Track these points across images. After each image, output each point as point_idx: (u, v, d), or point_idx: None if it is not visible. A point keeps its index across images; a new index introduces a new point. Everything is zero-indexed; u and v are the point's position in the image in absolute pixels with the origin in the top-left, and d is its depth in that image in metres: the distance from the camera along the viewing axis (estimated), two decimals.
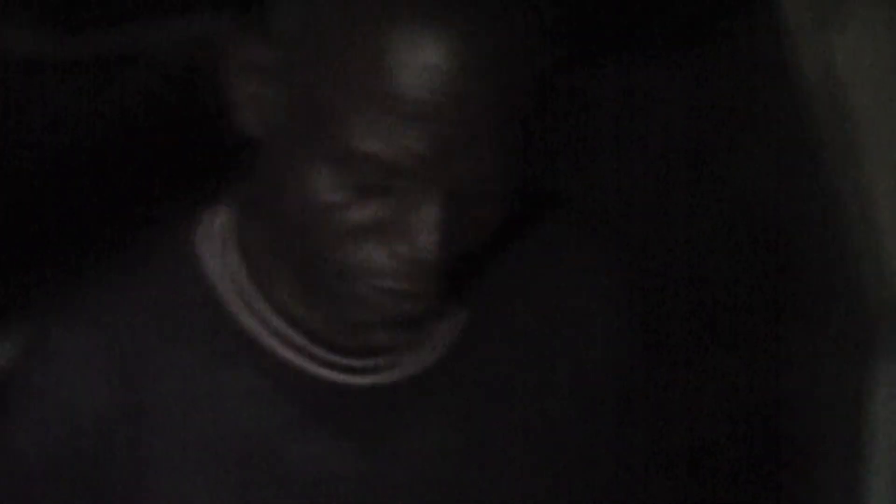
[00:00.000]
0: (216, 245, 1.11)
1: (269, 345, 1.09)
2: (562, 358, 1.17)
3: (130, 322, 1.09)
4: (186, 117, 4.60)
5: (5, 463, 1.11)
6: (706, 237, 4.26)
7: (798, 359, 3.61)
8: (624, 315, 1.21)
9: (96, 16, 5.32)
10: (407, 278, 0.99)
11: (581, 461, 1.17)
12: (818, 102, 1.84)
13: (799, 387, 3.45)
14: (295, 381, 1.09)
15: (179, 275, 1.10)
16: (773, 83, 4.81)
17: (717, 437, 3.42)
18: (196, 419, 1.09)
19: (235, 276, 1.10)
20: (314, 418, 1.09)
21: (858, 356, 1.38)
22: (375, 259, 0.99)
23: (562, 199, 1.22)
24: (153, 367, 1.09)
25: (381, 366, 1.11)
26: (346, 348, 1.10)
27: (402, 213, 0.97)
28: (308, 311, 1.09)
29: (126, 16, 5.33)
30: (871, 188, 1.77)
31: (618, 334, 1.21)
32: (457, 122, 0.93)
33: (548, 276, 1.18)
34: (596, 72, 5.27)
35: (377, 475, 1.10)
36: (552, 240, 1.20)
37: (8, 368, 1.12)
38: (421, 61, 0.92)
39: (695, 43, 5.59)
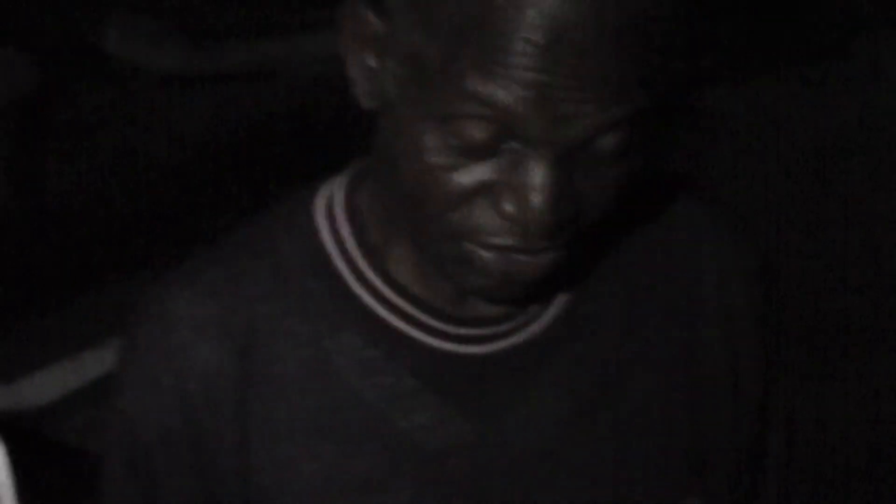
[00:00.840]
0: (332, 217, 1.12)
1: (381, 315, 1.10)
2: (674, 335, 1.16)
3: (247, 292, 1.11)
4: (316, 128, 4.66)
5: (121, 425, 1.13)
6: (830, 247, 4.21)
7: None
8: (744, 296, 1.19)
9: (232, 32, 5.41)
10: (516, 236, 0.99)
11: (689, 432, 1.16)
12: None
13: None
14: (406, 350, 1.10)
15: (296, 246, 1.12)
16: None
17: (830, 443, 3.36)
18: (308, 387, 1.10)
19: (349, 247, 1.11)
20: (425, 387, 1.10)
21: None
22: (485, 220, 0.99)
23: (689, 182, 1.22)
24: (267, 337, 1.10)
25: (491, 335, 1.11)
26: (456, 318, 1.10)
27: (510, 174, 0.97)
28: (420, 282, 1.10)
29: (261, 32, 5.41)
30: None
31: (734, 320, 1.19)
32: (564, 78, 0.93)
33: (662, 248, 1.18)
34: (729, 87, 5.25)
35: (487, 443, 1.10)
36: (675, 219, 1.19)
37: (127, 334, 1.14)
38: (529, 18, 0.92)
39: (820, 61, 5.53)
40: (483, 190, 0.98)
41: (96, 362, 3.27)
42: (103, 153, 4.61)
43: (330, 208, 1.13)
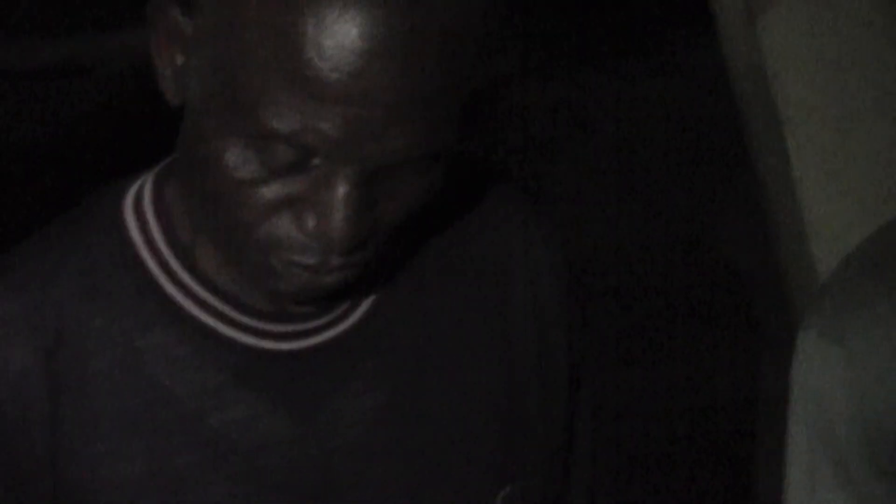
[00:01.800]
0: (141, 213, 1.11)
1: (191, 312, 1.10)
2: (485, 327, 1.18)
3: (54, 291, 1.09)
4: (133, 121, 4.60)
5: None
6: (638, 241, 4.31)
7: (731, 363, 3.65)
8: (552, 291, 1.22)
9: (46, 27, 5.30)
10: (319, 253, 0.99)
11: (504, 418, 1.18)
12: (747, 96, 1.87)
13: (734, 389, 3.49)
14: (217, 347, 1.09)
15: (105, 243, 1.11)
16: (710, 88, 4.84)
17: (645, 431, 3.45)
18: (119, 386, 1.09)
19: (158, 244, 1.10)
20: (237, 383, 1.09)
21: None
22: (288, 233, 0.99)
23: (499, 175, 1.23)
24: (77, 336, 1.09)
25: (303, 331, 1.11)
26: (267, 314, 1.10)
27: (314, 190, 0.97)
28: (230, 278, 1.10)
29: (73, 27, 5.31)
30: (798, 180, 1.80)
31: (543, 312, 1.21)
32: (368, 104, 0.93)
33: (473, 243, 1.19)
34: (540, 82, 5.32)
35: (302, 439, 1.11)
36: (486, 212, 1.20)
37: None
38: (333, 43, 0.92)
39: (634, 53, 5.65)
40: (287, 204, 0.99)
41: None
42: None
43: (139, 205, 1.12)
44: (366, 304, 1.13)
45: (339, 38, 0.92)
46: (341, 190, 0.96)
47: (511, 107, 5.09)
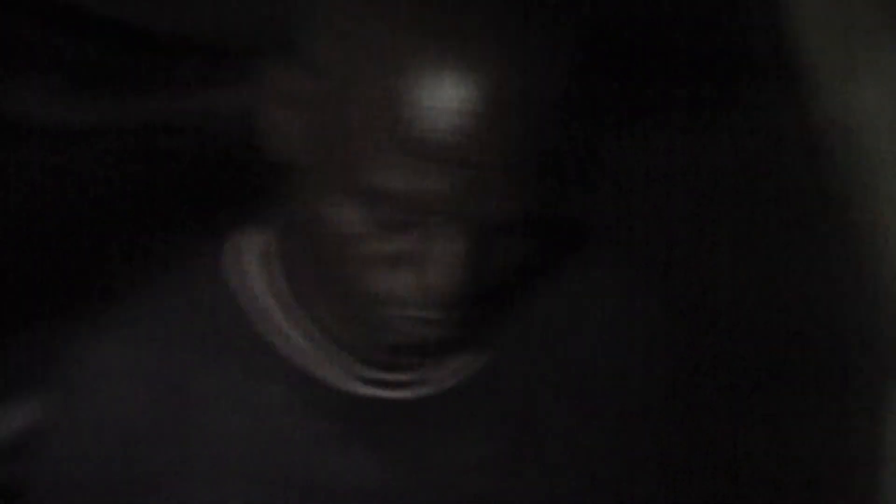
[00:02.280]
0: (249, 265, 1.14)
1: (297, 360, 1.12)
2: (590, 376, 1.20)
3: (168, 340, 1.13)
4: (232, 177, 4.65)
5: (45, 474, 1.15)
6: (720, 292, 4.28)
7: (830, 413, 3.62)
8: (658, 342, 1.24)
9: (131, 85, 5.39)
10: (430, 307, 1.01)
11: (614, 468, 1.20)
12: (839, 152, 1.87)
13: (826, 440, 3.46)
14: (325, 396, 1.12)
15: (213, 295, 1.14)
16: (789, 144, 4.82)
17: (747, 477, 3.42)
18: (230, 435, 1.12)
19: (266, 295, 1.13)
20: (347, 433, 1.12)
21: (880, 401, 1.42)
22: (400, 288, 1.01)
23: (590, 227, 1.25)
24: (189, 386, 1.12)
25: (411, 381, 1.13)
26: (381, 363, 1.12)
27: (426, 246, 0.99)
28: (336, 328, 1.12)
29: (158, 86, 5.40)
30: (891, 232, 1.80)
31: (651, 360, 1.24)
32: (478, 163, 0.95)
33: (577, 296, 1.21)
34: (616, 136, 5.32)
35: (406, 487, 1.13)
36: (582, 263, 1.23)
37: (50, 390, 1.15)
38: (442, 106, 0.94)
39: (707, 109, 5.64)
40: (399, 259, 1.01)
41: None
42: None
43: (247, 256, 1.14)
44: (475, 356, 1.15)
45: (447, 100, 0.94)
46: (453, 246, 0.98)
47: (598, 163, 5.10)
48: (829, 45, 1.83)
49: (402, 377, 1.13)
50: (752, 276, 4.39)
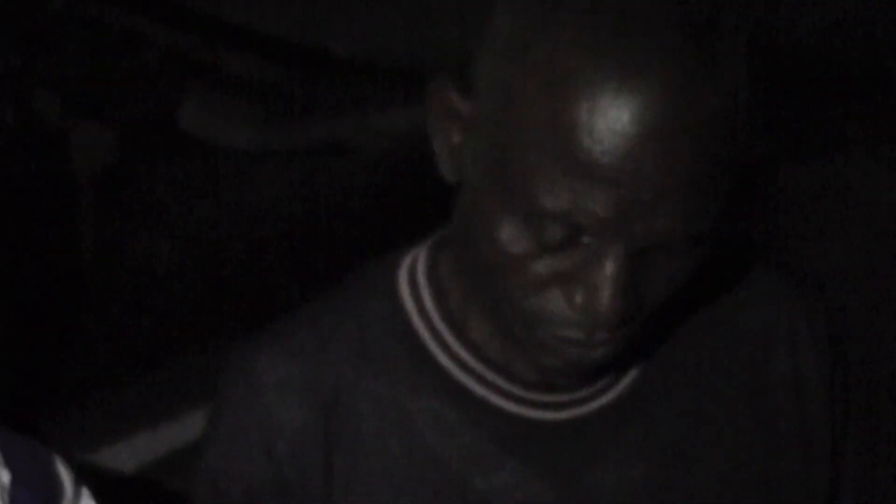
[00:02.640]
0: (414, 283, 1.16)
1: (460, 379, 1.13)
2: (745, 400, 1.18)
3: (331, 354, 1.14)
4: (390, 204, 4.72)
5: (209, 483, 1.17)
6: None
7: None
8: (815, 366, 1.21)
9: (305, 111, 5.49)
10: (587, 329, 1.02)
11: (763, 494, 1.18)
12: None
13: None
14: (485, 414, 1.13)
15: (379, 310, 1.15)
16: None
17: None
18: (389, 447, 1.13)
19: (430, 312, 1.15)
20: (503, 450, 1.12)
21: None
22: (557, 308, 1.02)
23: (758, 250, 1.24)
24: (351, 397, 1.14)
25: (568, 402, 1.13)
26: (533, 384, 1.13)
27: (584, 267, 1.00)
28: (498, 348, 1.13)
29: (335, 109, 5.49)
30: None
31: (805, 388, 1.21)
32: (640, 186, 0.95)
33: (735, 317, 1.20)
34: (804, 164, 5.26)
35: None
36: (746, 286, 1.21)
37: (216, 393, 1.17)
38: (606, 127, 0.94)
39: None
40: (556, 280, 1.01)
41: (175, 434, 3.30)
42: (180, 227, 4.68)
43: (412, 274, 1.16)
44: (630, 376, 1.15)
45: (611, 121, 0.94)
46: (610, 267, 0.98)
47: (779, 188, 5.04)
48: None
49: (558, 398, 1.13)
50: None
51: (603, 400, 1.14)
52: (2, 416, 1.26)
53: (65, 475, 1.21)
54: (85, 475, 1.25)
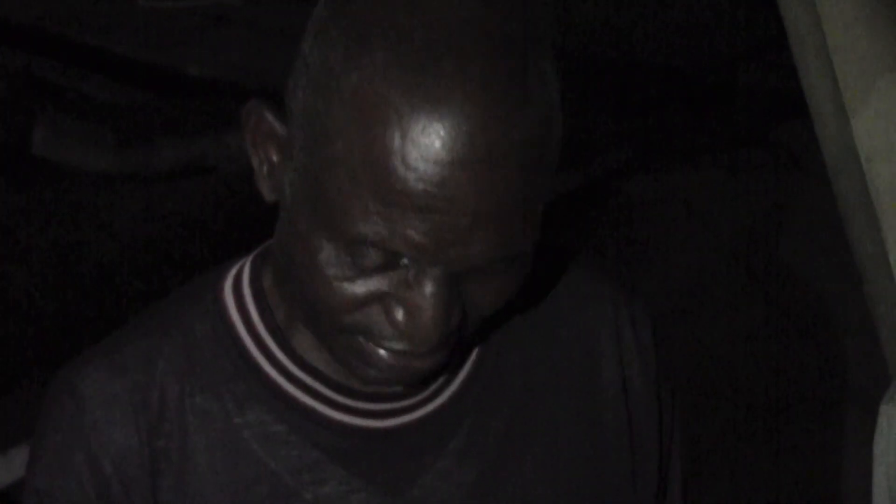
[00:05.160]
0: (240, 296, 1.16)
1: (287, 390, 1.14)
2: (573, 401, 1.20)
3: (157, 370, 1.14)
4: (245, 222, 4.70)
5: (35, 503, 1.15)
6: (751, 331, 4.29)
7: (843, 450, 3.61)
8: (642, 374, 1.24)
9: (160, 132, 5.45)
10: (408, 342, 1.03)
11: (593, 497, 1.20)
12: (843, 178, 1.91)
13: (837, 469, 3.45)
14: (312, 424, 1.13)
15: (205, 324, 1.15)
16: (821, 180, 4.81)
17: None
18: (218, 463, 1.13)
19: (256, 325, 1.15)
20: (330, 460, 1.13)
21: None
22: (377, 324, 1.03)
23: (584, 255, 1.27)
24: (178, 414, 1.13)
25: (393, 409, 1.14)
26: (359, 393, 1.14)
27: (402, 288, 1.01)
28: (324, 358, 1.14)
29: (188, 131, 5.46)
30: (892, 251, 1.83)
31: (633, 390, 1.24)
32: (452, 212, 0.96)
33: (563, 324, 1.22)
34: (651, 175, 5.35)
35: None
36: (573, 291, 1.23)
37: (41, 412, 1.16)
38: (418, 155, 0.95)
39: (745, 146, 5.66)
40: (376, 298, 1.02)
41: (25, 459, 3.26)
42: (32, 253, 4.62)
43: (237, 287, 1.16)
44: (457, 383, 1.16)
45: (423, 150, 0.95)
46: (428, 290, 1.00)
47: (626, 198, 5.13)
48: (831, 82, 1.88)
49: (385, 406, 1.14)
50: (777, 316, 4.39)
51: (430, 407, 1.15)
52: None
53: None
54: None
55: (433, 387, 1.16)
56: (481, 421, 1.16)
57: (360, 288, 1.01)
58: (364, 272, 1.01)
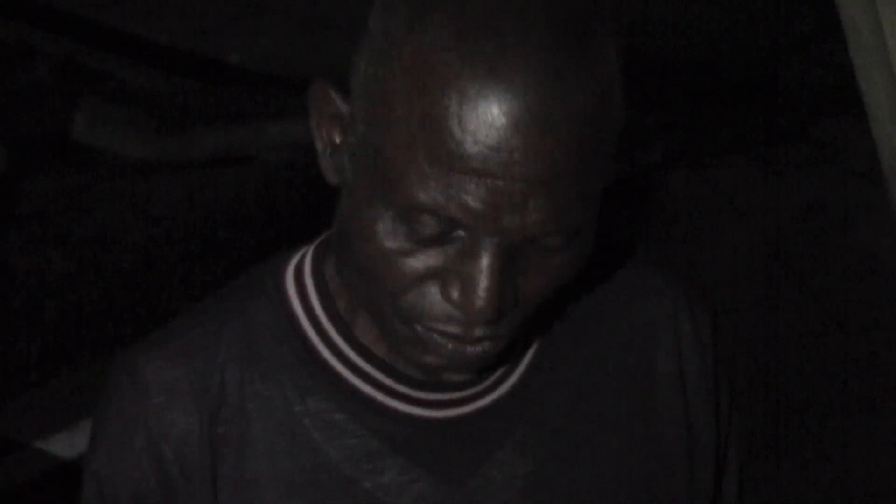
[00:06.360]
0: (301, 285, 1.16)
1: (348, 379, 1.14)
2: (630, 395, 1.20)
3: (218, 357, 1.15)
4: (283, 212, 4.72)
5: (95, 487, 1.16)
6: (790, 325, 4.27)
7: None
8: (699, 365, 1.24)
9: (200, 121, 5.46)
10: (463, 323, 1.03)
11: (648, 491, 1.20)
12: (872, 67, 1.88)
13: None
14: (372, 413, 1.13)
15: (266, 313, 1.16)
16: (861, 176, 4.79)
17: None
18: (278, 450, 1.13)
19: (317, 314, 1.15)
20: (390, 450, 1.13)
21: None
22: (433, 303, 1.03)
23: (645, 249, 1.27)
24: (238, 400, 1.14)
25: (455, 400, 1.14)
26: (420, 382, 1.14)
27: (458, 261, 1.01)
28: (385, 347, 1.14)
29: (228, 119, 5.47)
30: None
31: (688, 383, 1.23)
32: (508, 177, 0.96)
33: (621, 315, 1.22)
34: (694, 169, 5.33)
35: None
36: (632, 284, 1.23)
37: (101, 397, 1.17)
38: (475, 117, 0.95)
39: (785, 141, 5.64)
40: (432, 275, 1.02)
41: (70, 444, 3.28)
42: (72, 238, 4.64)
43: (299, 276, 1.16)
44: (516, 374, 1.16)
45: (480, 112, 0.95)
46: (484, 261, 0.99)
47: (667, 193, 5.11)
48: (889, 81, 1.86)
49: (445, 396, 1.14)
50: (815, 311, 4.36)
51: (489, 398, 1.15)
52: None
53: None
54: None
55: (493, 378, 1.16)
56: (540, 413, 1.16)
57: (417, 262, 1.01)
58: (421, 243, 1.01)
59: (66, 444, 3.31)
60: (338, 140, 1.07)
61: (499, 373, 1.16)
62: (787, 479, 3.56)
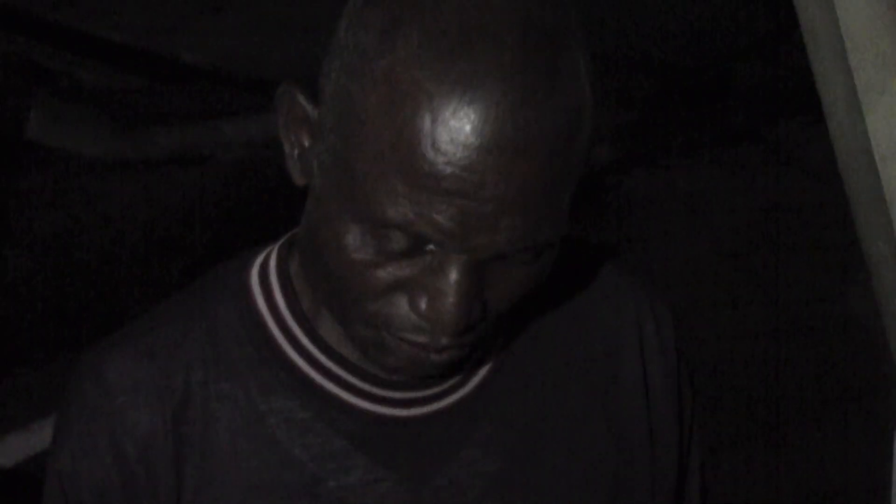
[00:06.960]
0: (266, 283, 1.16)
1: (313, 378, 1.14)
2: (595, 394, 1.20)
3: (182, 356, 1.14)
4: (241, 211, 4.70)
5: (57, 489, 1.15)
6: (752, 327, 4.30)
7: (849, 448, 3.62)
8: (662, 368, 1.24)
9: (156, 119, 5.44)
10: (429, 334, 1.03)
11: (613, 489, 1.20)
12: (855, 177, 1.91)
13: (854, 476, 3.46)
14: (337, 413, 1.13)
15: (231, 312, 1.15)
16: (819, 176, 4.82)
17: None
18: (242, 449, 1.13)
19: (282, 313, 1.15)
20: (355, 448, 1.13)
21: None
22: (400, 313, 1.03)
23: (608, 250, 1.27)
24: (203, 400, 1.13)
25: (420, 398, 1.14)
26: (385, 381, 1.14)
27: (427, 275, 1.01)
28: (350, 347, 1.14)
29: (185, 118, 5.45)
30: None
31: (653, 384, 1.24)
32: (479, 197, 0.96)
33: (585, 318, 1.22)
34: (654, 171, 5.36)
35: (418, 503, 1.13)
36: (596, 284, 1.24)
37: (64, 395, 1.16)
38: (448, 137, 0.95)
39: (745, 142, 5.68)
40: (401, 286, 1.02)
41: (23, 443, 3.26)
42: (28, 238, 4.61)
43: (264, 275, 1.16)
44: (481, 374, 1.16)
45: (453, 132, 0.95)
46: (452, 276, 0.99)
47: (623, 194, 5.14)
48: (846, 81, 1.87)
49: (410, 395, 1.14)
50: (776, 314, 4.39)
51: (455, 397, 1.15)
52: None
53: None
54: None
55: (458, 377, 1.15)
56: (505, 412, 1.16)
57: (385, 274, 1.01)
58: (390, 257, 1.00)
59: (21, 445, 3.29)
60: (306, 143, 1.06)
61: (464, 373, 1.16)
62: (746, 475, 3.58)
